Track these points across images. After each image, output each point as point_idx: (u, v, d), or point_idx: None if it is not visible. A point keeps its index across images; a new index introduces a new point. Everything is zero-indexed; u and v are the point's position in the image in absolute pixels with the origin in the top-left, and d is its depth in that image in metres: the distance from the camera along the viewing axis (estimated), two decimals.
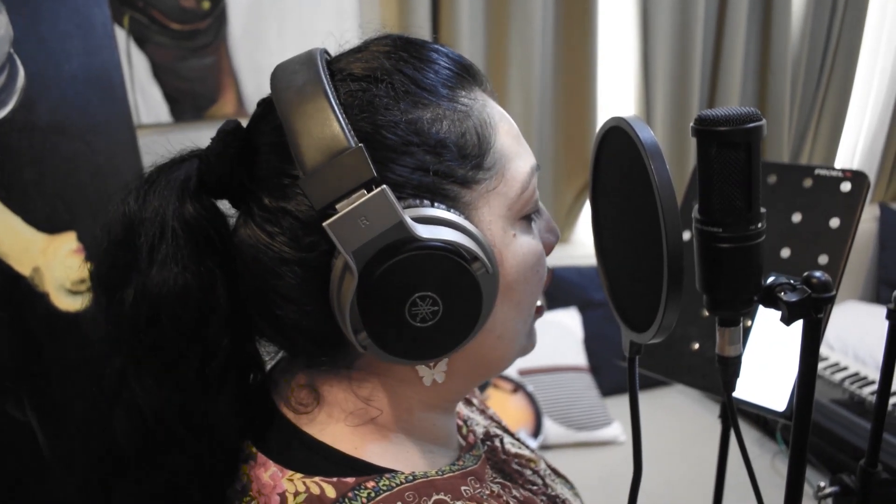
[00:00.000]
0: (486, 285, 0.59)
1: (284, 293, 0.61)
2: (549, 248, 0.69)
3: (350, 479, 0.62)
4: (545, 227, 0.70)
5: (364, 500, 0.61)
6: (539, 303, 0.71)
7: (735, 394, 0.70)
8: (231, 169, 0.62)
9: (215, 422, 0.64)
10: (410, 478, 0.64)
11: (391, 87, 0.60)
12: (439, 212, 0.58)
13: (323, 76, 0.58)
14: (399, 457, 0.66)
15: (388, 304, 0.56)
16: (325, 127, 0.55)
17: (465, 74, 0.65)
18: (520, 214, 0.64)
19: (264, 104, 0.64)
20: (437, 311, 0.57)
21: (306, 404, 0.67)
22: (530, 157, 0.66)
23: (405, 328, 0.57)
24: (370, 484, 0.62)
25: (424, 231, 0.56)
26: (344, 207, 0.54)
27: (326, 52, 0.65)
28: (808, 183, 1.12)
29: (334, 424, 0.66)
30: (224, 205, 0.66)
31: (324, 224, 0.54)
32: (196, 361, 0.62)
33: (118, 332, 0.62)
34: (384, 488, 0.62)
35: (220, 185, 0.63)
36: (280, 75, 0.61)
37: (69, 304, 1.44)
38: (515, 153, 0.65)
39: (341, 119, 0.56)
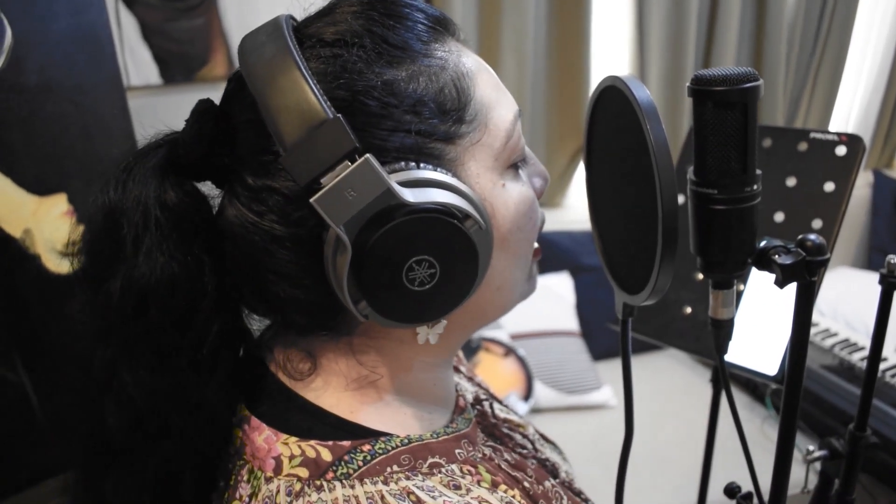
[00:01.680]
0: (480, 241, 0.58)
1: (278, 270, 0.60)
2: (539, 193, 0.69)
3: (346, 443, 0.62)
4: (534, 172, 0.69)
5: (360, 463, 0.61)
6: (535, 245, 0.70)
7: (726, 358, 0.70)
8: (209, 150, 0.61)
9: (207, 406, 0.64)
10: (406, 441, 0.64)
11: (363, 50, 0.58)
12: (426, 173, 0.57)
13: (291, 46, 0.56)
14: (395, 420, 0.66)
15: (384, 273, 0.56)
16: (301, 100, 0.54)
17: (438, 26, 0.63)
18: (507, 164, 0.63)
19: (236, 79, 0.62)
20: (434, 273, 0.57)
21: (302, 371, 0.66)
22: (512, 103, 0.65)
23: (405, 294, 0.57)
24: (366, 447, 0.62)
25: (413, 195, 0.55)
26: (329, 181, 0.53)
27: (292, 17, 0.63)
28: (803, 147, 1.12)
29: (332, 390, 0.66)
30: (205, 186, 0.65)
31: (311, 200, 0.53)
32: (187, 349, 0.61)
33: (106, 323, 0.61)
34: (380, 451, 0.62)
35: (199, 167, 0.62)
36: (247, 48, 0.58)
37: (60, 266, 1.43)
38: (496, 101, 0.63)
39: (316, 90, 0.54)
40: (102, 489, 0.66)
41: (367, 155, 0.53)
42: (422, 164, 0.58)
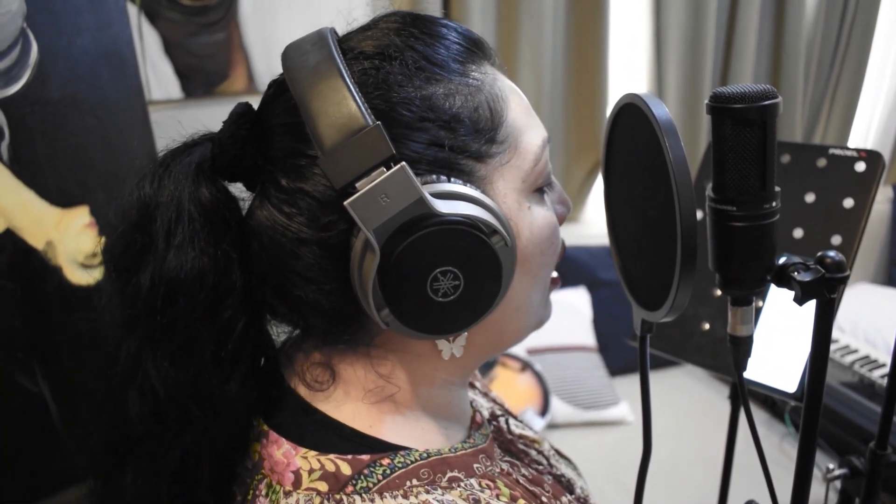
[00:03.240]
0: (505, 258, 0.59)
1: (304, 273, 0.61)
2: (561, 220, 0.70)
3: (365, 457, 0.62)
4: (557, 199, 0.70)
5: (379, 477, 0.61)
6: (554, 274, 0.71)
7: (745, 374, 0.70)
8: (244, 151, 0.62)
9: (228, 401, 0.64)
10: (425, 455, 0.64)
11: (404, 64, 0.59)
12: (457, 186, 0.58)
13: (336, 55, 0.58)
14: (414, 434, 0.67)
15: (410, 281, 0.56)
16: (342, 106, 0.55)
17: (475, 49, 0.65)
18: (533, 187, 0.65)
19: (276, 85, 0.64)
20: (458, 285, 0.58)
21: (322, 382, 0.67)
22: (541, 129, 0.66)
23: (427, 303, 0.58)
24: (385, 461, 0.62)
25: (443, 206, 0.56)
26: (364, 185, 0.54)
27: (335, 30, 0.65)
28: (821, 162, 1.11)
29: (351, 402, 0.66)
30: (234, 188, 0.66)
31: (345, 203, 0.54)
32: (211, 343, 0.62)
33: (134, 314, 0.62)
34: (399, 465, 0.62)
35: (233, 167, 0.63)
36: (292, 56, 0.60)
37: (81, 277, 1.45)
38: (527, 126, 0.65)
39: (357, 98, 0.56)
40: (121, 481, 0.67)
41: (403, 163, 0.54)
42: (452, 179, 0.59)
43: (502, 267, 0.59)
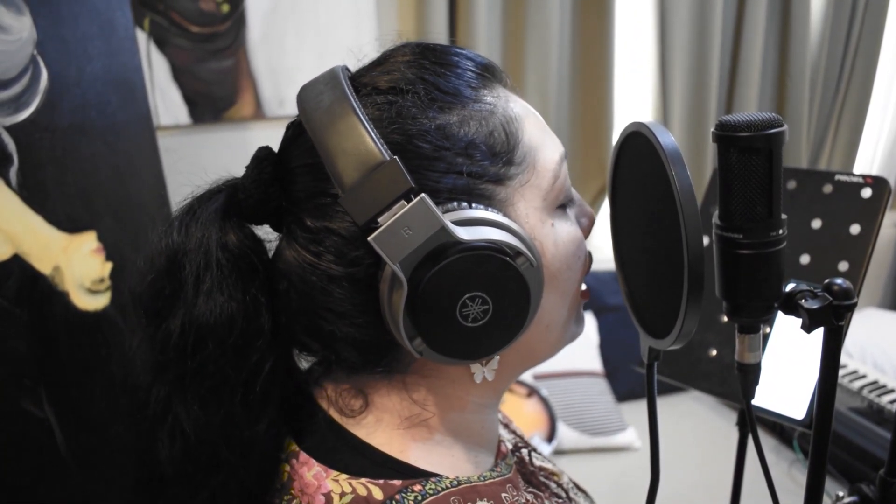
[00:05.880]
0: (531, 278, 0.59)
1: (335, 309, 0.61)
2: (586, 232, 0.70)
3: (397, 482, 0.62)
4: (580, 212, 0.70)
5: (411, 503, 0.61)
6: (583, 287, 0.71)
7: (753, 401, 0.69)
8: (268, 194, 0.63)
9: (257, 441, 0.65)
10: (455, 482, 0.64)
11: (417, 96, 0.60)
12: (478, 212, 0.59)
13: (349, 93, 0.59)
14: (445, 461, 0.67)
15: (439, 309, 0.57)
16: (359, 143, 0.56)
17: (487, 73, 0.66)
18: (555, 203, 0.65)
19: (294, 126, 0.65)
20: (487, 309, 0.58)
21: (354, 409, 0.68)
22: (558, 145, 0.67)
23: (459, 329, 0.58)
24: (417, 487, 0.62)
25: (466, 233, 0.56)
26: (386, 220, 0.55)
27: (347, 68, 0.66)
28: (828, 189, 1.11)
29: (384, 428, 0.67)
30: (260, 230, 0.67)
31: (368, 239, 0.55)
32: (240, 385, 0.63)
33: (164, 359, 0.63)
34: (430, 492, 0.62)
35: (258, 211, 0.64)
36: (307, 97, 0.61)
37: (88, 303, 1.45)
38: (543, 144, 0.65)
39: (373, 134, 0.56)
40: None
41: (423, 195, 0.55)
42: (473, 205, 0.59)
43: (530, 288, 0.59)
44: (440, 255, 0.56)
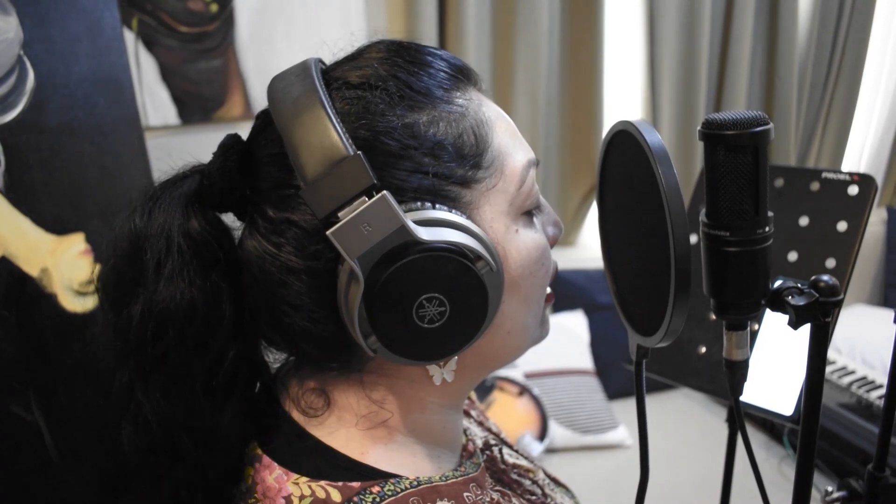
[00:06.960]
0: (490, 283, 0.59)
1: (293, 301, 0.61)
2: (553, 242, 0.70)
3: (355, 484, 0.62)
4: (548, 221, 0.70)
5: None
6: (548, 291, 0.71)
7: (742, 398, 0.70)
8: (233, 182, 0.63)
9: (221, 433, 0.65)
10: (415, 483, 0.64)
11: (386, 93, 0.60)
12: (440, 213, 0.58)
13: (318, 86, 0.58)
14: (405, 461, 0.67)
15: (395, 308, 0.57)
16: (324, 137, 0.56)
17: (460, 75, 0.65)
18: (521, 210, 0.65)
19: (263, 116, 0.65)
20: (444, 311, 0.58)
21: (316, 408, 0.67)
22: (527, 151, 0.67)
23: (414, 330, 0.58)
24: (375, 489, 0.62)
25: (426, 233, 0.56)
26: (346, 215, 0.55)
27: (321, 61, 0.66)
28: (815, 186, 1.12)
29: (344, 428, 0.66)
30: (228, 217, 0.67)
31: (327, 232, 0.54)
32: (203, 373, 0.63)
33: (126, 346, 0.63)
34: (389, 493, 0.62)
35: (223, 198, 0.64)
36: (276, 87, 0.61)
37: (77, 305, 1.44)
38: (513, 149, 0.65)
39: (338, 128, 0.56)
40: None
41: (384, 192, 0.55)
42: (437, 206, 0.59)
43: (488, 292, 0.59)
44: (399, 254, 0.55)
